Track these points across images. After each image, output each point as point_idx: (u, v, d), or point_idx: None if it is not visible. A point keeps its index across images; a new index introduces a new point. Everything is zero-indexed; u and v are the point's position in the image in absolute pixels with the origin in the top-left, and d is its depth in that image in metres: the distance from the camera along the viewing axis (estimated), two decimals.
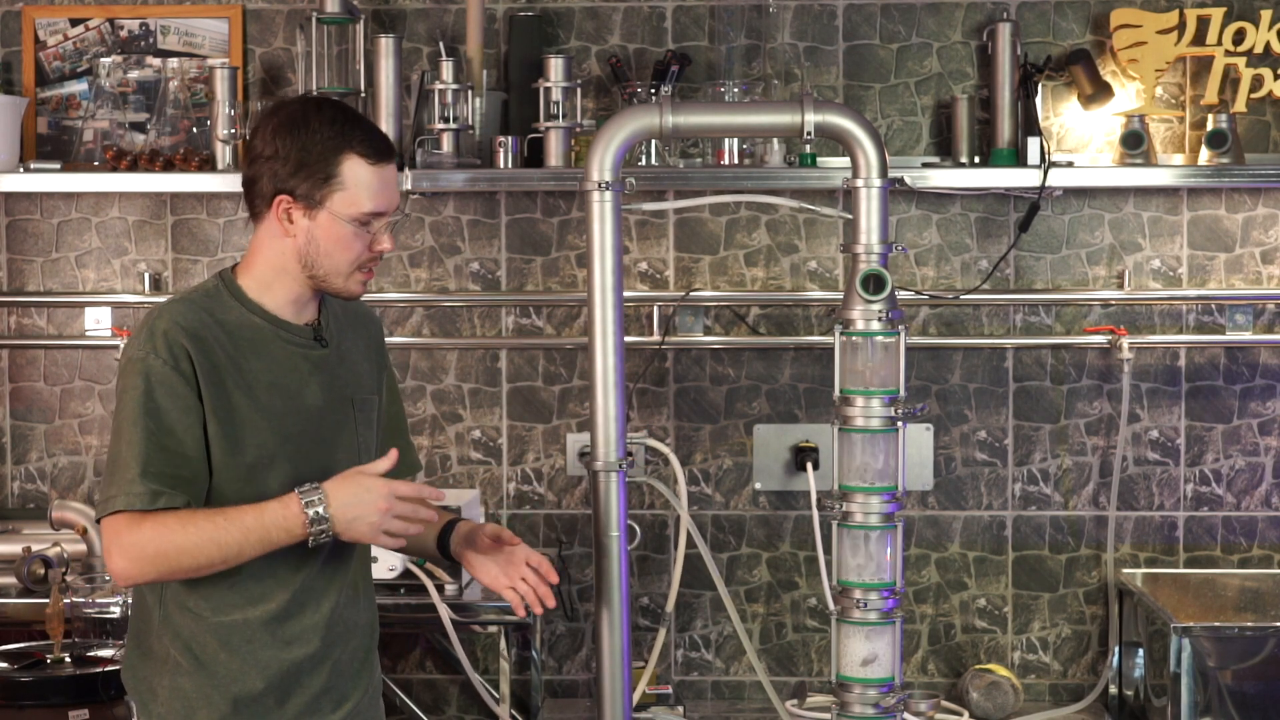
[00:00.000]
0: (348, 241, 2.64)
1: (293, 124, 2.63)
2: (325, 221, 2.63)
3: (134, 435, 2.55)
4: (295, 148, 2.61)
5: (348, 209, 2.62)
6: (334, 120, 2.64)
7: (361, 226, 2.64)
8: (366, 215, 2.64)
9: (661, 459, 4.13)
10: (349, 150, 2.62)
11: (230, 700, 2.63)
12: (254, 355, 2.65)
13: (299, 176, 2.62)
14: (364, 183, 2.63)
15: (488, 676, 4.17)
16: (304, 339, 2.70)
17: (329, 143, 2.62)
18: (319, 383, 2.69)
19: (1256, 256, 4.17)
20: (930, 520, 4.21)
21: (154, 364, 2.57)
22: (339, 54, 4.13)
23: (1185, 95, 4.14)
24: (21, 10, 4.24)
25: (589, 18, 4.19)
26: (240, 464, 2.61)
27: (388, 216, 2.68)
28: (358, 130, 2.65)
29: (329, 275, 2.66)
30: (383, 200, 2.65)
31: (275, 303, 2.68)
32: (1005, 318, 4.20)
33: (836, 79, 4.18)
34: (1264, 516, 4.18)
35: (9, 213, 4.27)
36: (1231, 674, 3.68)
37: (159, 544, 2.53)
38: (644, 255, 4.21)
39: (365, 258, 2.67)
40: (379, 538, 2.58)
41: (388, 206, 2.67)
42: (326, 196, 2.62)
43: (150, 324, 2.61)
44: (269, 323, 2.67)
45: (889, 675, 3.22)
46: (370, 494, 2.55)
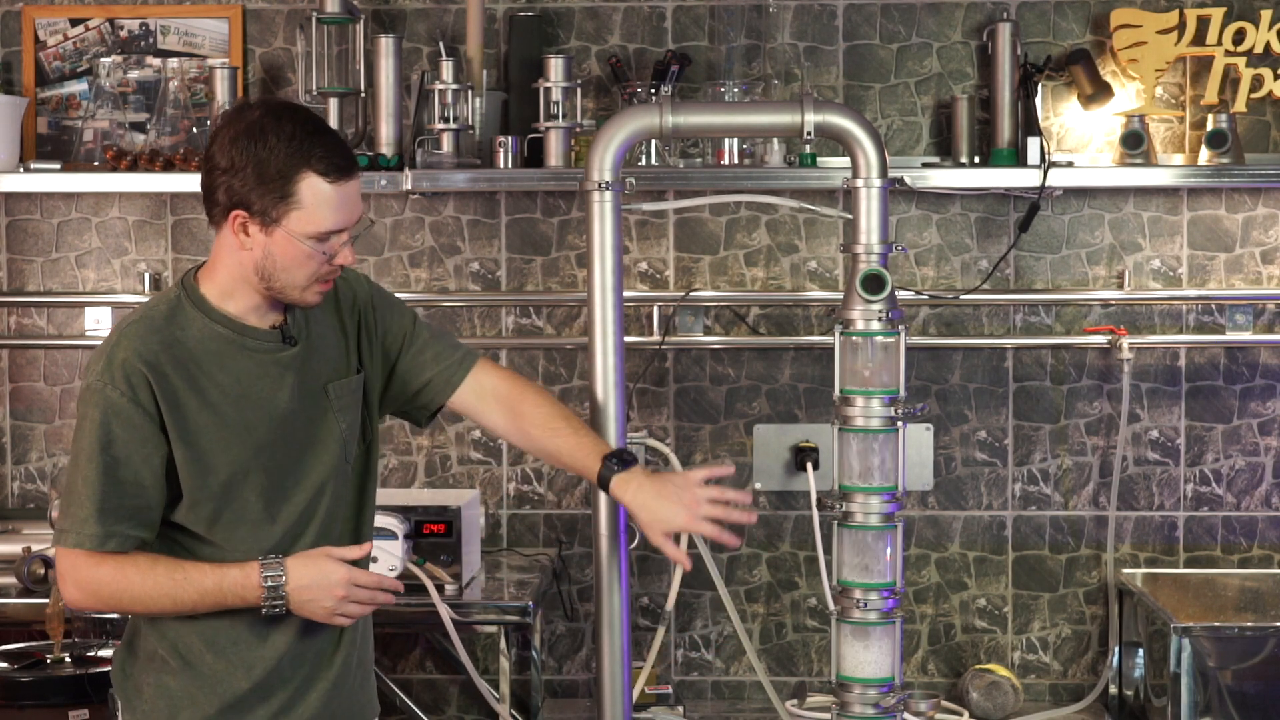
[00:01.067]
0: (304, 258, 2.57)
1: (249, 136, 2.54)
2: (281, 239, 2.56)
3: (89, 471, 2.54)
4: (251, 162, 2.53)
5: (305, 227, 2.55)
6: (292, 135, 2.54)
7: (320, 243, 2.57)
8: (324, 233, 2.56)
9: (661, 459, 4.13)
10: (306, 168, 2.53)
11: (217, 700, 2.64)
12: (219, 369, 2.61)
13: (255, 193, 2.54)
14: (322, 201, 2.55)
15: (488, 676, 4.17)
16: (271, 342, 2.65)
17: (286, 160, 2.53)
18: (290, 383, 2.66)
19: (1256, 256, 4.17)
20: (930, 520, 4.21)
21: (111, 395, 2.54)
22: (339, 54, 4.13)
23: (1185, 95, 4.15)
24: (21, 10, 4.24)
25: (589, 18, 4.19)
26: (214, 483, 2.60)
27: (348, 231, 2.61)
28: (316, 146, 2.55)
29: (285, 288, 2.60)
30: (342, 217, 2.58)
31: (238, 309, 2.63)
32: (1005, 318, 4.20)
33: (836, 79, 4.18)
34: (1264, 516, 4.18)
35: (9, 213, 4.27)
36: (1231, 674, 3.68)
37: (115, 588, 2.56)
38: (644, 255, 4.21)
39: (324, 272, 2.60)
40: (332, 619, 2.60)
41: (348, 222, 2.59)
42: (283, 215, 2.54)
43: (109, 353, 2.57)
44: (233, 330, 2.63)
45: (890, 675, 3.22)
46: (328, 579, 2.57)
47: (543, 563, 4.09)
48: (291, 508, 2.66)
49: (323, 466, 2.69)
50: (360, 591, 2.59)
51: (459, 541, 3.74)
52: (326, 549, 2.61)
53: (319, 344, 2.72)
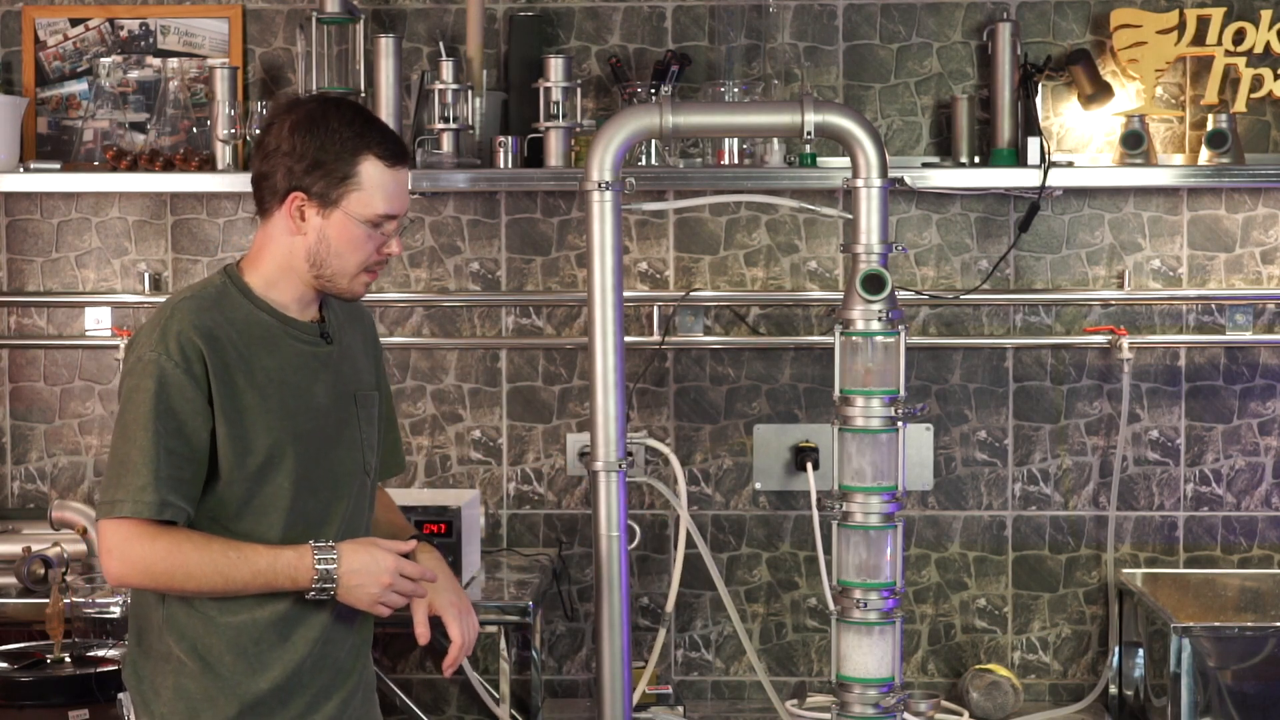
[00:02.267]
0: (359, 242, 2.65)
1: (311, 122, 2.64)
2: (339, 221, 2.64)
3: (145, 439, 2.54)
4: (313, 146, 2.62)
5: (363, 210, 2.63)
6: (352, 121, 2.65)
7: (374, 228, 2.65)
8: (380, 217, 2.65)
9: (661, 459, 4.13)
10: (367, 151, 2.63)
11: (237, 702, 2.64)
12: (265, 353, 2.65)
13: (315, 175, 2.62)
14: (380, 184, 2.64)
15: (488, 676, 4.17)
16: (311, 336, 2.71)
17: (348, 143, 2.63)
18: (325, 380, 2.70)
19: (1256, 256, 4.17)
20: (930, 520, 4.21)
21: (166, 365, 2.56)
22: (339, 54, 4.12)
23: (1185, 95, 4.15)
24: (21, 10, 4.24)
25: (589, 18, 4.19)
26: (251, 464, 2.61)
27: (398, 220, 2.69)
28: (375, 132, 2.66)
29: (335, 275, 2.67)
30: (396, 203, 2.67)
31: (281, 300, 2.69)
32: (1005, 318, 4.20)
33: (836, 79, 4.18)
34: (1264, 516, 4.18)
35: (9, 213, 4.27)
36: (1231, 674, 3.68)
37: (169, 564, 2.54)
38: (644, 255, 4.21)
39: (373, 260, 2.68)
40: (375, 608, 2.65)
41: (400, 209, 2.69)
42: (342, 196, 2.63)
43: (163, 324, 2.60)
44: (277, 320, 2.67)
45: (890, 675, 3.22)
46: (378, 565, 2.62)
47: (543, 563, 4.09)
48: (316, 502, 2.68)
49: (345, 469, 2.73)
50: (404, 582, 2.64)
51: (459, 541, 3.74)
52: (373, 539, 2.68)
53: (350, 352, 2.79)
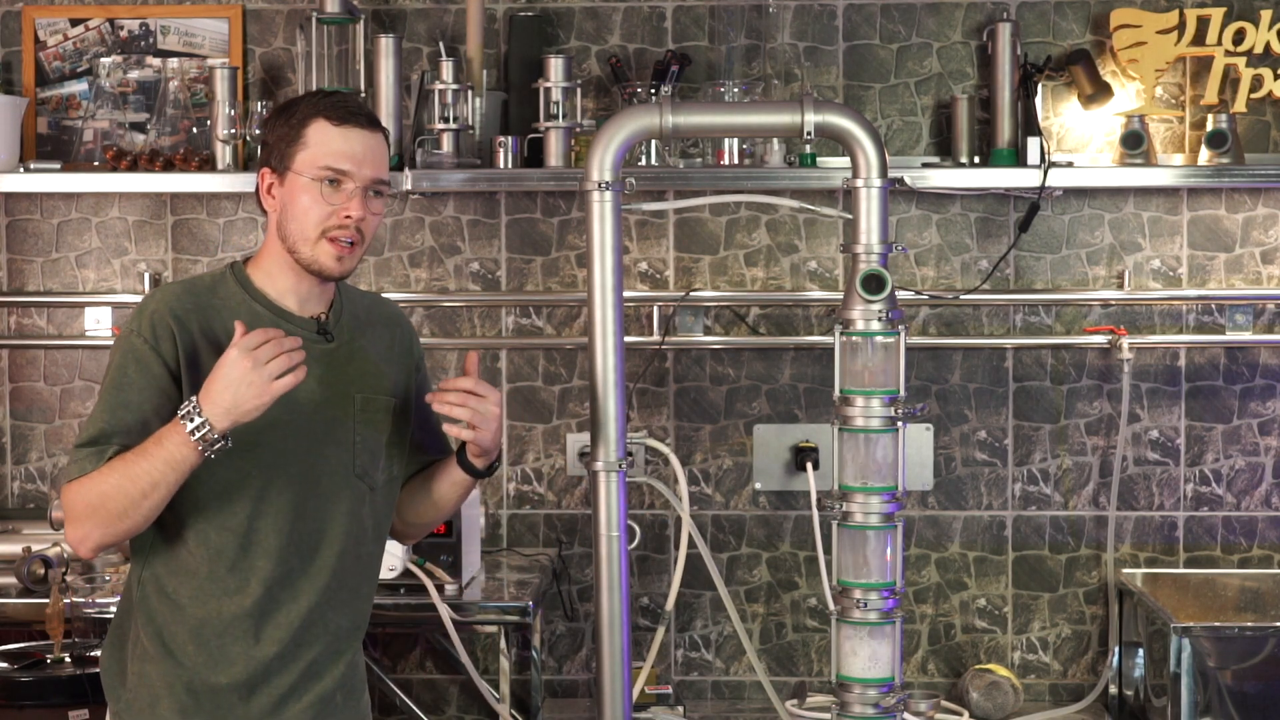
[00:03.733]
0: (312, 202, 2.64)
1: (281, 109, 2.72)
2: (291, 183, 2.65)
3: (99, 409, 2.61)
4: (277, 125, 2.69)
5: (309, 167, 2.63)
6: (313, 97, 2.71)
7: (328, 187, 2.63)
8: (328, 171, 2.63)
9: (661, 459, 4.13)
10: (315, 115, 2.66)
11: (192, 692, 2.62)
12: None
13: (274, 149, 2.67)
14: (325, 141, 2.64)
15: (488, 676, 4.17)
16: (305, 330, 2.69)
17: (298, 113, 2.67)
18: (315, 376, 2.65)
19: (1256, 256, 4.17)
20: (930, 520, 4.21)
21: (135, 342, 2.61)
22: (339, 54, 4.13)
23: (1185, 95, 4.15)
24: (21, 10, 4.24)
25: (589, 18, 4.19)
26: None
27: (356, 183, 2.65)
28: (327, 98, 2.69)
29: (297, 243, 2.65)
30: (345, 158, 2.64)
31: (277, 290, 2.69)
32: (1005, 318, 4.20)
33: (836, 79, 4.18)
34: (1264, 516, 4.18)
35: (9, 213, 4.27)
36: (1231, 674, 3.68)
37: (87, 496, 2.55)
38: (644, 255, 4.21)
39: (332, 223, 2.64)
40: (270, 389, 2.50)
41: (353, 166, 2.65)
42: (293, 158, 2.65)
43: (142, 304, 2.66)
44: (270, 311, 2.68)
45: (890, 675, 3.21)
46: (226, 369, 2.50)
47: (543, 563, 4.09)
48: (292, 495, 2.66)
49: (330, 467, 2.69)
50: (262, 350, 2.50)
51: (459, 541, 3.74)
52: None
53: (362, 354, 2.76)
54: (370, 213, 2.67)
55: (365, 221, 2.67)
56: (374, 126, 2.70)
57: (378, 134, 2.70)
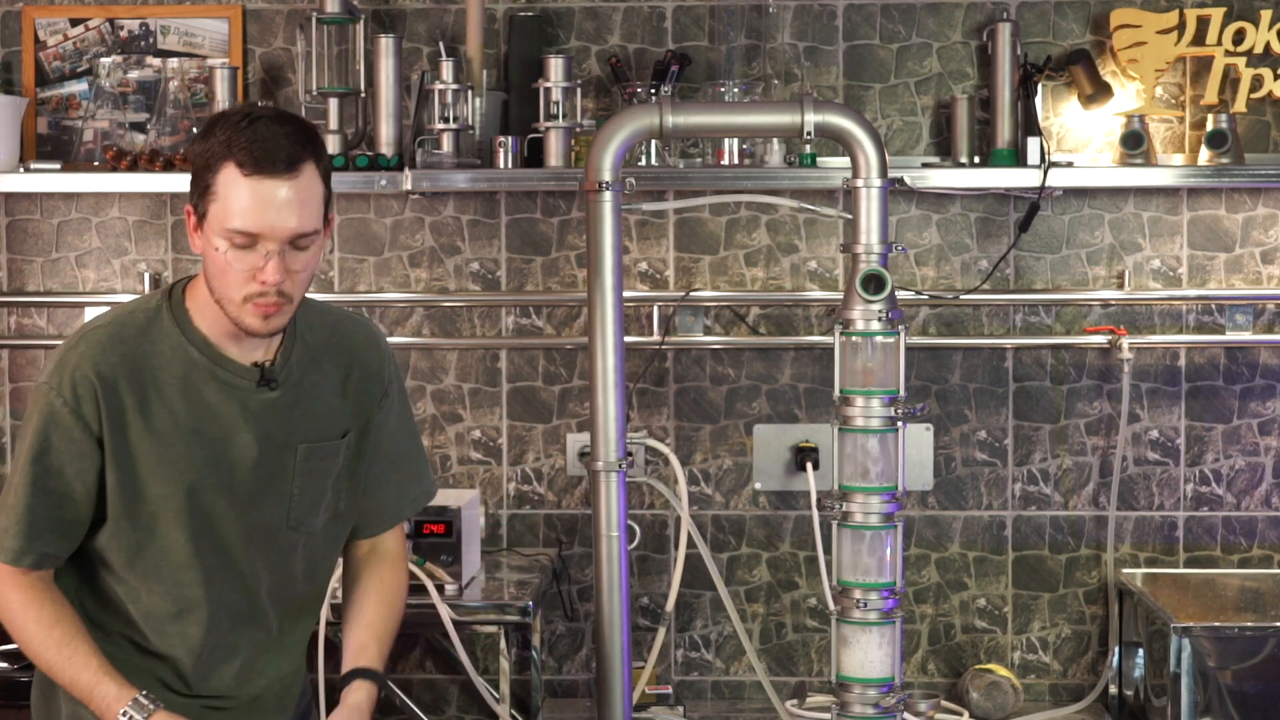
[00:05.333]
0: (223, 264, 2.34)
1: (202, 133, 2.40)
2: (206, 237, 2.37)
3: (21, 480, 2.44)
4: (195, 156, 2.38)
5: (217, 224, 2.33)
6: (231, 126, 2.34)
7: (237, 251, 2.33)
8: (235, 234, 2.32)
9: (661, 459, 4.13)
10: (228, 158, 2.32)
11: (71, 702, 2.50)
12: (178, 395, 2.45)
13: (194, 186, 2.38)
14: (234, 196, 2.31)
15: (488, 676, 4.17)
16: (244, 379, 2.47)
17: (214, 149, 2.34)
18: (254, 431, 2.47)
19: (1256, 256, 4.17)
20: (930, 520, 4.21)
21: (56, 403, 2.41)
22: (339, 54, 4.13)
23: (1185, 95, 4.15)
24: (21, 10, 4.24)
25: (589, 18, 4.19)
26: (142, 513, 2.46)
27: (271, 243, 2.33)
28: (243, 137, 2.32)
29: (224, 302, 2.39)
30: (255, 219, 2.31)
31: (214, 332, 2.45)
32: (1005, 318, 4.20)
33: (836, 79, 4.18)
34: (1264, 516, 4.18)
35: (9, 213, 4.27)
36: (1231, 674, 3.68)
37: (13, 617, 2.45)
38: (644, 255, 4.21)
39: (251, 289, 2.35)
40: None
41: (264, 228, 2.31)
42: (205, 208, 2.35)
43: (64, 355, 2.44)
44: (208, 358, 2.45)
45: (890, 675, 3.22)
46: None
47: (543, 563, 4.09)
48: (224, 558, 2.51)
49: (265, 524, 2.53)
50: None
51: (459, 541, 3.74)
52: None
53: (309, 396, 2.53)
54: (294, 270, 2.37)
55: (287, 283, 2.37)
56: (294, 169, 2.33)
57: (301, 175, 2.34)
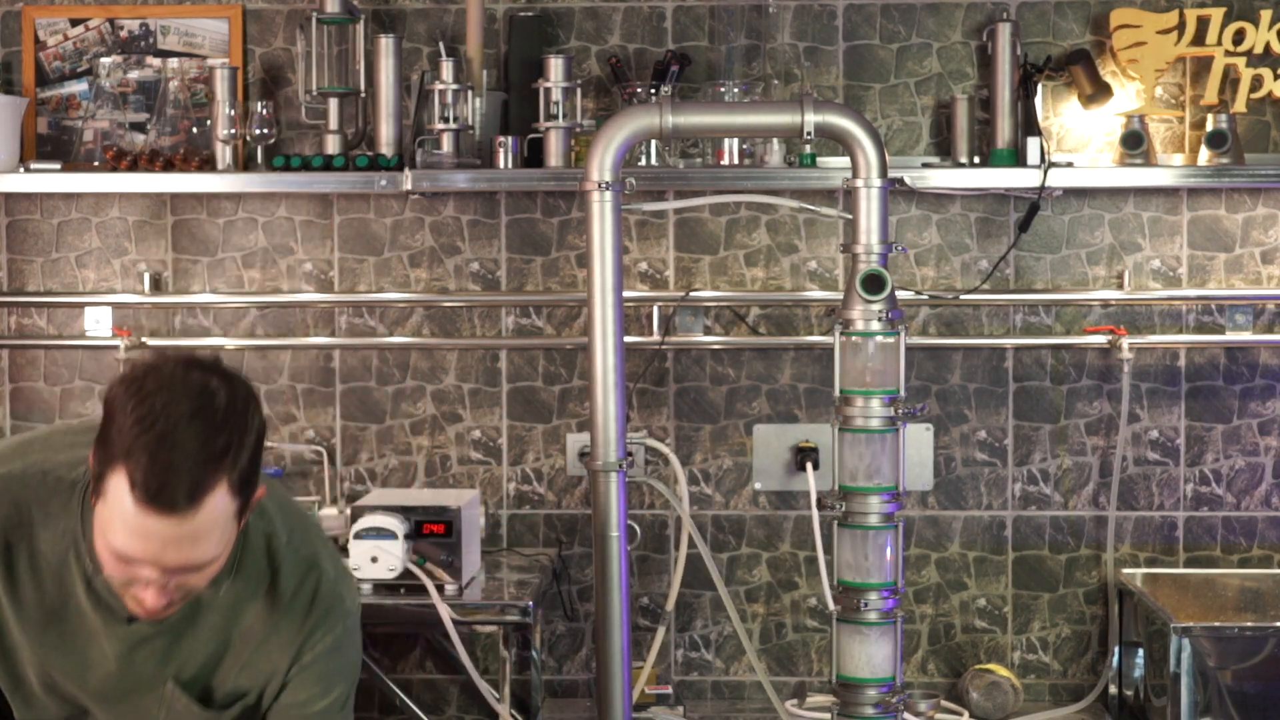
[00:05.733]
0: (104, 558, 2.08)
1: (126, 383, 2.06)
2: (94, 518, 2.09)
3: None
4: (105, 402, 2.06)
5: (100, 523, 2.05)
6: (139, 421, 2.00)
7: (119, 562, 2.05)
8: (116, 553, 2.04)
9: (661, 459, 4.13)
10: (122, 463, 2.00)
11: None
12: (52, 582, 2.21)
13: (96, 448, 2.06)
14: (118, 513, 2.02)
15: (488, 676, 4.16)
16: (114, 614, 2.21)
17: (115, 437, 2.02)
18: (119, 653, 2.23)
19: (1256, 256, 4.17)
20: (930, 520, 4.21)
21: None
22: (339, 54, 4.13)
23: (1185, 95, 4.15)
24: (21, 10, 4.24)
25: (589, 18, 4.19)
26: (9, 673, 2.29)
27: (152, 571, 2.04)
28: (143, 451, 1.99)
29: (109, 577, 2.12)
30: (137, 549, 2.02)
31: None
32: (1005, 318, 4.20)
33: (836, 79, 4.18)
34: (1264, 516, 4.18)
35: (9, 213, 4.27)
36: (1231, 674, 3.68)
37: None
38: (644, 255, 4.21)
39: (129, 594, 2.10)
40: None
41: (145, 558, 2.03)
42: (98, 495, 2.05)
43: None
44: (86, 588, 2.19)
45: (890, 675, 3.22)
46: None
47: (543, 563, 4.09)
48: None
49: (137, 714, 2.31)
50: None
51: (459, 541, 3.74)
52: None
53: (191, 633, 2.25)
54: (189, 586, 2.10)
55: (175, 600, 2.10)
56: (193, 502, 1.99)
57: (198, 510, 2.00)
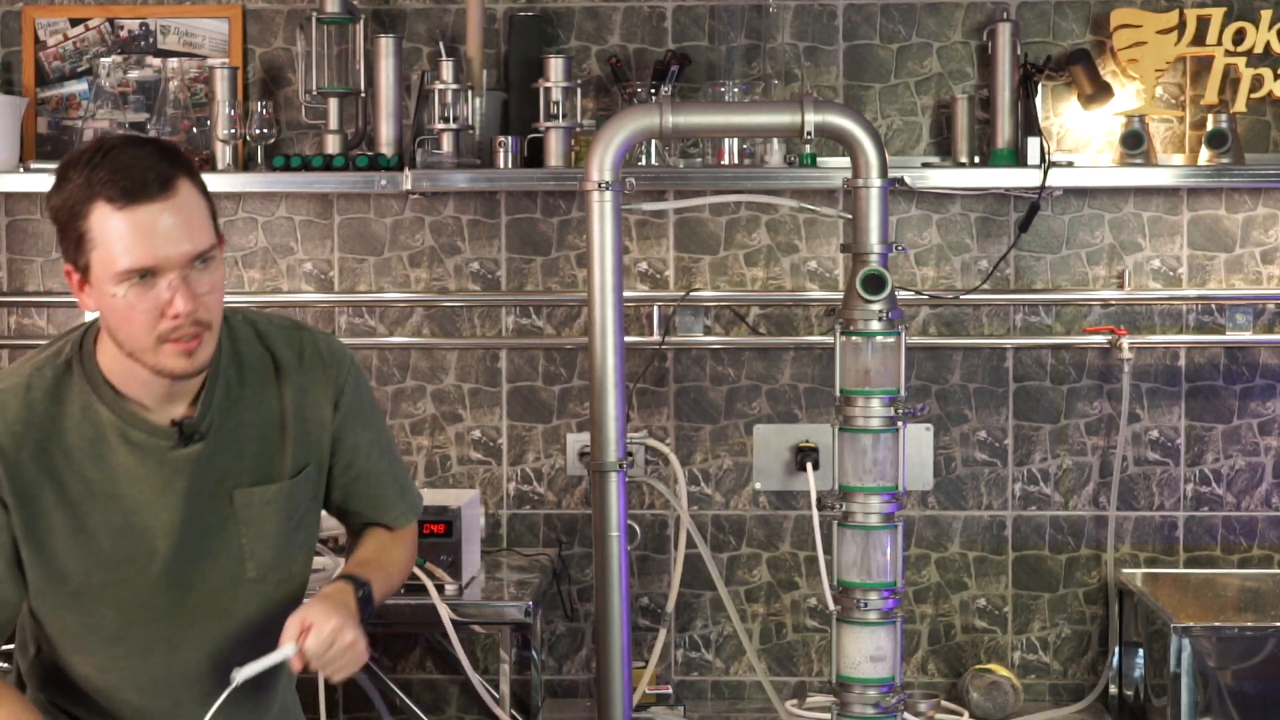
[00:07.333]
0: (125, 311, 2.15)
1: (55, 184, 2.19)
2: (98, 290, 2.16)
3: None
4: (57, 207, 2.17)
5: (106, 272, 2.13)
6: (85, 165, 2.13)
7: (138, 288, 2.14)
8: (128, 274, 2.13)
9: (661, 459, 4.13)
10: (94, 198, 2.11)
11: None
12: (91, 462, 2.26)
13: (64, 241, 2.17)
14: (113, 235, 2.11)
15: (488, 676, 4.17)
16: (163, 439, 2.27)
17: (75, 194, 2.13)
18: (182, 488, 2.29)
19: (1256, 256, 4.17)
20: (930, 520, 4.21)
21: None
22: (339, 54, 4.13)
23: (1185, 95, 4.15)
24: (21, 10, 4.24)
25: (589, 18, 4.19)
26: (61, 592, 2.30)
27: (170, 271, 2.14)
28: (103, 171, 2.11)
29: (134, 352, 2.19)
30: (144, 252, 2.11)
31: (127, 386, 2.25)
32: (1005, 318, 4.20)
33: (836, 79, 4.18)
34: (1264, 516, 4.18)
35: (9, 213, 4.27)
36: (1231, 674, 3.68)
37: None
38: (644, 255, 4.21)
39: (164, 327, 2.16)
40: None
41: (155, 259, 2.12)
42: (88, 260, 2.14)
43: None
44: (120, 417, 2.26)
45: (890, 675, 3.22)
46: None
47: (543, 563, 4.09)
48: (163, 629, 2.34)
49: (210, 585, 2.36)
50: None
51: (459, 541, 3.74)
52: None
53: (235, 437, 2.34)
54: (202, 293, 2.18)
55: (200, 309, 2.18)
56: (167, 189, 2.13)
57: (177, 194, 2.14)
